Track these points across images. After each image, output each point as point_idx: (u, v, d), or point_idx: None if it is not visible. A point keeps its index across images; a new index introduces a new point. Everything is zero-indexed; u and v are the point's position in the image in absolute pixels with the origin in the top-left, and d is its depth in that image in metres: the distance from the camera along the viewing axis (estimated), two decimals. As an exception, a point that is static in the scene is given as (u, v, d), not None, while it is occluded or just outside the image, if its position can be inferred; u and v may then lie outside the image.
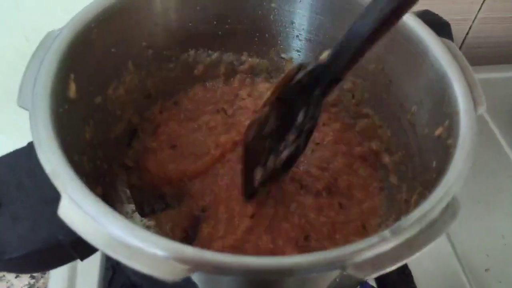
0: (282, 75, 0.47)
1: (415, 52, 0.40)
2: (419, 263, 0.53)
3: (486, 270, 0.54)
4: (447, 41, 0.39)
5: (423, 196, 0.35)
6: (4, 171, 0.32)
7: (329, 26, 0.48)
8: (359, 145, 0.51)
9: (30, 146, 0.33)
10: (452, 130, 0.33)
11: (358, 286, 0.49)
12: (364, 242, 0.25)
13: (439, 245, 0.55)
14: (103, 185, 0.43)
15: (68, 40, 0.36)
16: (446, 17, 0.73)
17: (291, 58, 0.53)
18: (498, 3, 0.74)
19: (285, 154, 0.42)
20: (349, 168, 0.49)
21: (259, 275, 0.25)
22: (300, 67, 0.40)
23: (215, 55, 0.53)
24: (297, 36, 0.51)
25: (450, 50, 0.38)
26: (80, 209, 0.26)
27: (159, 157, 0.48)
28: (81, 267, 0.51)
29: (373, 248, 0.25)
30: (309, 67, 0.39)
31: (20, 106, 0.31)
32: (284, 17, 0.49)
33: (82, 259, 0.31)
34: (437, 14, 0.47)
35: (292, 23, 0.50)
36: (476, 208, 0.60)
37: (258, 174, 0.43)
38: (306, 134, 0.40)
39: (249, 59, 0.54)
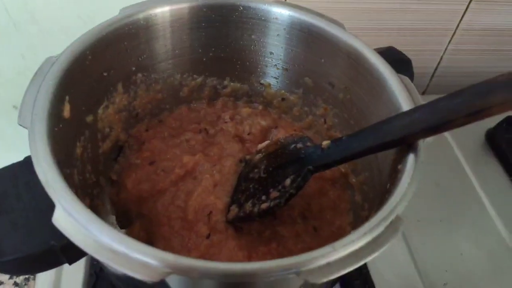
0: (282, 135, 0.53)
1: (376, 85, 0.45)
2: (381, 276, 0.57)
3: (444, 284, 0.59)
4: (403, 77, 0.44)
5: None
6: (5, 181, 0.35)
7: (304, 57, 0.53)
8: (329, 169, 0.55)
9: (27, 160, 0.37)
10: (402, 157, 0.38)
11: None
12: (315, 252, 0.29)
13: (401, 260, 0.60)
14: (91, 196, 0.47)
15: (65, 66, 0.40)
16: (418, 47, 0.79)
17: (269, 84, 0.58)
18: (467, 36, 0.81)
19: (264, 205, 0.46)
20: (320, 191, 0.53)
21: (226, 279, 0.29)
22: (303, 138, 0.47)
23: (199, 79, 0.57)
24: (275, 65, 0.55)
25: (406, 86, 0.43)
26: (72, 218, 0.30)
27: (137, 174, 0.52)
28: (66, 273, 0.54)
29: (323, 258, 0.29)
30: (310, 145, 0.46)
31: (20, 125, 0.35)
32: (263, 48, 0.54)
33: (70, 263, 0.35)
34: (400, 51, 0.53)
35: (271, 53, 0.55)
36: (438, 227, 0.65)
37: (232, 211, 0.48)
38: (287, 196, 0.45)
39: (231, 83, 0.59)
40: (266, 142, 0.53)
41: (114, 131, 0.52)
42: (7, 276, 0.58)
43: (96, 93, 0.46)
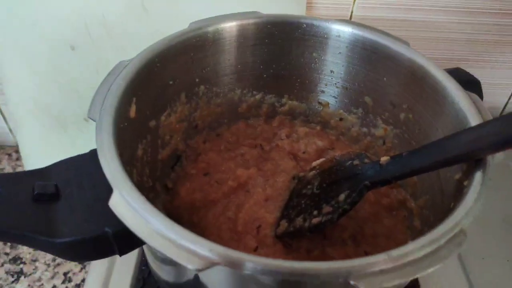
0: (338, 153, 0.52)
1: (442, 103, 0.43)
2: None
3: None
4: (472, 94, 0.42)
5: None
6: (70, 170, 0.37)
7: (365, 76, 0.52)
8: (387, 196, 0.53)
9: (91, 153, 0.39)
10: (469, 173, 0.36)
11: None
12: (369, 258, 0.28)
13: None
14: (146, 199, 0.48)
15: (135, 69, 0.43)
16: (487, 80, 0.75)
17: (327, 103, 0.58)
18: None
19: (316, 220, 0.45)
20: (375, 217, 0.51)
21: (272, 275, 0.28)
22: (361, 155, 0.46)
23: (258, 95, 0.58)
24: (334, 83, 0.55)
25: (475, 102, 0.41)
26: (127, 203, 0.31)
27: (192, 183, 0.53)
28: (114, 277, 0.55)
29: (376, 265, 0.27)
30: (368, 161, 0.45)
31: (89, 118, 0.38)
32: (323, 66, 0.54)
33: (121, 254, 0.36)
34: (467, 72, 0.51)
35: (331, 71, 0.55)
36: (504, 266, 0.60)
37: (282, 226, 0.47)
38: (341, 212, 0.44)
39: (289, 101, 0.59)
40: (321, 160, 0.52)
41: (173, 139, 0.54)
42: (60, 280, 0.60)
43: (160, 100, 0.49)
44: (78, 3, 0.68)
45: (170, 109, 0.51)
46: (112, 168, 0.33)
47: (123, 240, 0.34)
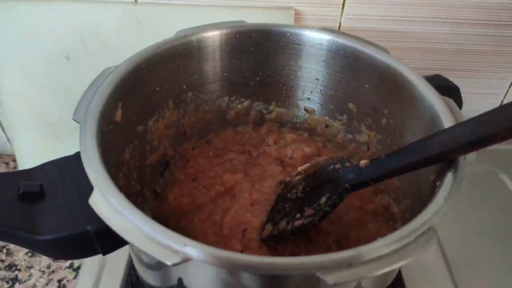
0: (322, 158, 0.53)
1: (418, 107, 0.45)
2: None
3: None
4: (447, 98, 0.43)
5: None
6: (55, 171, 0.38)
7: (348, 83, 0.54)
8: (371, 202, 0.53)
9: (76, 155, 0.40)
10: (441, 174, 0.37)
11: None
12: (335, 254, 0.29)
13: None
14: (134, 203, 0.49)
15: (121, 75, 0.44)
16: (479, 90, 0.77)
17: (313, 110, 0.59)
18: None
19: (298, 223, 0.46)
20: (359, 222, 0.51)
21: (247, 269, 0.28)
22: (342, 159, 0.47)
23: (246, 102, 0.60)
24: (319, 91, 0.57)
25: (449, 107, 0.42)
26: (107, 201, 0.32)
27: (180, 189, 0.53)
28: (103, 282, 0.56)
29: (342, 260, 0.28)
30: (349, 165, 0.46)
31: (74, 120, 0.39)
32: (308, 73, 0.56)
33: (104, 254, 0.36)
34: (447, 79, 0.52)
35: (316, 79, 0.56)
36: (491, 273, 0.60)
37: (267, 229, 0.48)
38: (322, 214, 0.45)
39: (277, 108, 0.60)
40: (306, 165, 0.53)
41: (162, 145, 0.55)
42: (54, 287, 0.61)
43: (148, 106, 0.50)
44: (74, 15, 0.70)
45: (158, 115, 0.52)
46: (93, 167, 0.34)
47: (106, 239, 0.35)
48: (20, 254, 0.67)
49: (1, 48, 0.72)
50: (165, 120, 0.53)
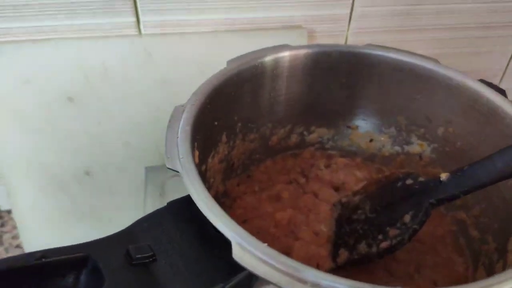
0: (382, 175, 0.51)
1: (487, 113, 0.46)
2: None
3: None
4: (515, 101, 0.45)
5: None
6: (153, 229, 0.35)
7: (396, 96, 0.54)
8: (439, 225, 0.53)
9: (168, 207, 0.37)
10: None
11: None
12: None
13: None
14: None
15: (194, 113, 0.41)
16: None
17: (356, 126, 0.59)
18: None
19: (385, 244, 0.44)
20: (431, 246, 0.51)
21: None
22: (412, 174, 0.46)
23: (288, 127, 0.58)
24: (364, 106, 0.57)
25: (519, 109, 0.44)
26: (250, 253, 0.29)
27: None
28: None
29: None
30: (424, 180, 0.45)
31: (169, 168, 0.35)
32: (352, 91, 0.56)
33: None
34: (491, 83, 0.54)
35: (360, 95, 0.56)
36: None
37: (342, 254, 0.47)
38: (411, 232, 0.44)
39: (318, 129, 0.59)
40: (363, 183, 0.53)
41: (215, 181, 0.52)
42: None
43: (208, 142, 0.47)
44: (76, 54, 0.66)
45: (214, 150, 0.49)
46: (223, 220, 0.31)
47: (237, 293, 0.32)
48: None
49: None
50: (219, 155, 0.51)
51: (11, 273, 0.27)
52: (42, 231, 0.76)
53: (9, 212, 0.80)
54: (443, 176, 0.43)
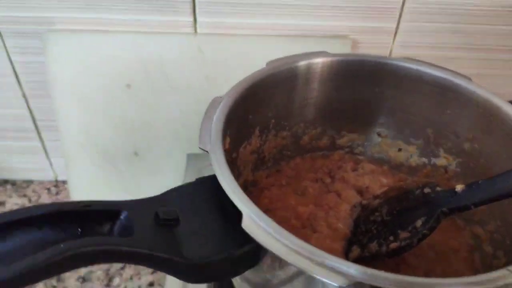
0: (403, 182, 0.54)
1: (509, 132, 0.47)
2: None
3: None
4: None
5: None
6: (182, 197, 0.40)
7: (427, 109, 0.56)
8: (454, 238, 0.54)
9: (198, 181, 0.42)
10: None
11: None
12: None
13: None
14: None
15: (229, 104, 0.46)
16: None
17: (386, 135, 0.61)
18: None
19: (394, 245, 0.47)
20: (442, 256, 0.52)
21: None
22: (431, 184, 0.49)
23: (319, 128, 0.62)
24: (396, 116, 0.59)
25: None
26: (258, 225, 0.33)
27: None
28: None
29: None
30: (440, 190, 0.47)
31: (200, 148, 0.41)
32: (385, 101, 0.58)
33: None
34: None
35: (392, 106, 0.58)
36: None
37: (355, 251, 0.49)
38: (420, 237, 0.46)
39: (349, 134, 0.62)
40: (385, 188, 0.55)
41: (245, 170, 0.56)
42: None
43: (241, 133, 0.52)
44: (138, 46, 0.73)
45: (247, 141, 0.54)
46: (235, 192, 0.36)
47: (245, 261, 0.36)
48: (71, 280, 0.68)
49: (60, 76, 0.73)
50: (251, 146, 0.55)
51: (61, 214, 0.33)
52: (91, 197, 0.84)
53: (64, 182, 0.88)
54: (459, 187, 0.45)
